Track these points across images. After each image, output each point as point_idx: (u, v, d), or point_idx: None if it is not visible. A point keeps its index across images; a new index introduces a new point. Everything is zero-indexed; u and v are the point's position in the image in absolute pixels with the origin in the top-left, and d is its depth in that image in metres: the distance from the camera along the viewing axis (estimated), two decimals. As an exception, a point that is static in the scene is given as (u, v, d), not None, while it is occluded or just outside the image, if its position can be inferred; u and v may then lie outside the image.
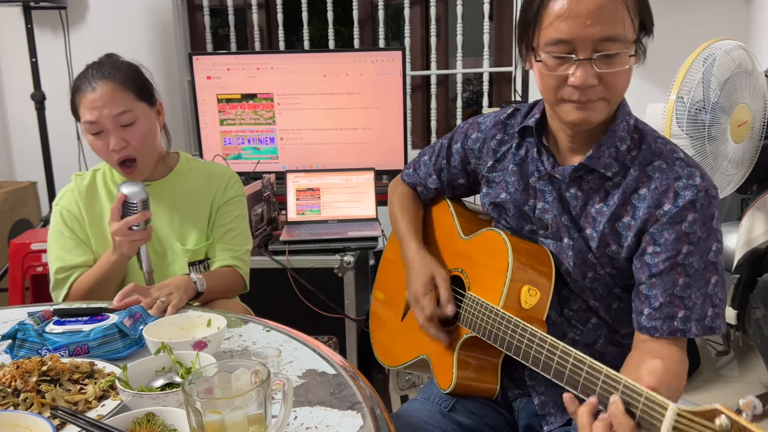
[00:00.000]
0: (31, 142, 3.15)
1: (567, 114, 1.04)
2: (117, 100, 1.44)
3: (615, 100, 1.03)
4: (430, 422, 1.16)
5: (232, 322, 1.25)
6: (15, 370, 0.96)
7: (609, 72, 0.98)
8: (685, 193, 1.02)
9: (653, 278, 1.03)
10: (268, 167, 2.75)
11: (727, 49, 1.81)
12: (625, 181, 1.06)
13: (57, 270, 1.52)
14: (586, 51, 0.97)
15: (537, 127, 1.14)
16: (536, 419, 1.18)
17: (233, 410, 0.73)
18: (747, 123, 1.88)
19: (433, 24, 3.16)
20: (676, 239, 1.02)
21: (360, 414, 0.90)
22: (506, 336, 1.05)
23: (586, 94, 1.00)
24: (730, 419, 0.68)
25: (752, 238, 2.09)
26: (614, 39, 0.97)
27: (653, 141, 1.08)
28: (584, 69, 0.97)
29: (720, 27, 2.88)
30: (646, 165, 1.06)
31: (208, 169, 1.66)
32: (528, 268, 1.12)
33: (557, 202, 1.12)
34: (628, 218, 1.06)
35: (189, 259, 1.58)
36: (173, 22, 3.31)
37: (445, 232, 1.34)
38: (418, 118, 3.42)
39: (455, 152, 1.30)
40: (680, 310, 1.02)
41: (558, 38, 0.98)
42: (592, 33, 0.96)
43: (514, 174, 1.18)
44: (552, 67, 1.01)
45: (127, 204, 1.42)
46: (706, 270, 1.02)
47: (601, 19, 0.96)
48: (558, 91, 1.02)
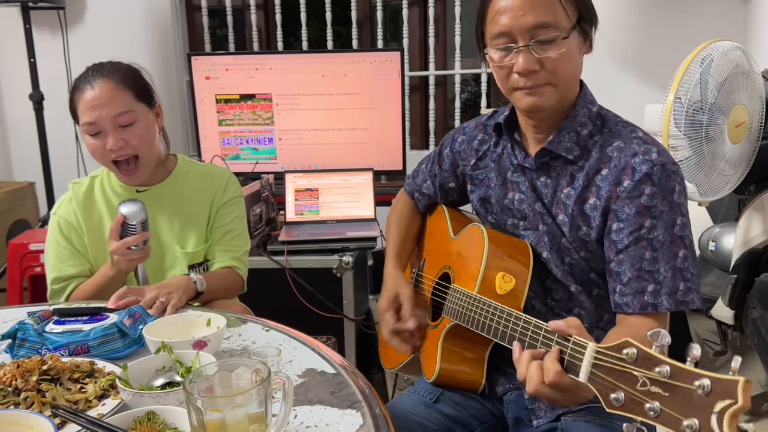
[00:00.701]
0: (30, 143, 3.15)
1: (519, 101, 1.12)
2: (116, 100, 1.44)
3: (562, 84, 1.09)
4: (414, 412, 1.20)
5: (232, 322, 1.25)
6: (15, 369, 0.96)
7: (548, 57, 1.06)
8: (642, 167, 1.06)
9: (620, 254, 1.07)
10: (266, 167, 2.75)
11: (725, 50, 1.82)
12: (588, 163, 1.12)
13: (53, 280, 1.53)
14: (523, 39, 1.06)
15: (507, 123, 1.22)
16: (525, 413, 1.20)
17: (234, 408, 0.73)
18: (744, 124, 1.89)
19: (431, 25, 3.17)
20: (636, 213, 1.05)
21: (359, 413, 0.90)
22: (482, 318, 1.10)
23: (531, 79, 1.07)
24: (637, 348, 0.75)
25: (749, 239, 2.09)
26: (546, 25, 1.05)
27: (614, 124, 1.14)
28: (524, 56, 1.06)
29: (718, 28, 2.89)
30: (606, 146, 1.11)
31: (206, 170, 1.66)
32: (503, 256, 1.17)
33: (530, 191, 1.18)
34: (593, 199, 1.11)
35: (188, 262, 1.58)
36: (171, 23, 3.31)
37: (438, 235, 1.39)
38: (416, 119, 3.42)
39: (446, 157, 1.37)
40: (649, 284, 1.05)
41: (499, 31, 1.07)
42: (525, 21, 1.05)
43: (493, 170, 1.25)
44: (498, 59, 1.10)
45: (126, 225, 1.42)
46: (673, 243, 1.05)
47: (533, 9, 1.05)
48: (508, 80, 1.11)
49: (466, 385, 1.23)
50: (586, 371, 0.82)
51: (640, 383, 0.74)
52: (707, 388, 0.67)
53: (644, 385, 0.73)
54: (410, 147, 3.29)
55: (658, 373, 0.71)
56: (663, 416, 0.70)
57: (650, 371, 0.72)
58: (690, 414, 0.68)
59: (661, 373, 0.71)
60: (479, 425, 1.22)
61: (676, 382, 0.70)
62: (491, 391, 1.25)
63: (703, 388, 0.67)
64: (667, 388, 0.71)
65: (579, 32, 1.09)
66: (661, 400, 0.71)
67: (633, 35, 2.99)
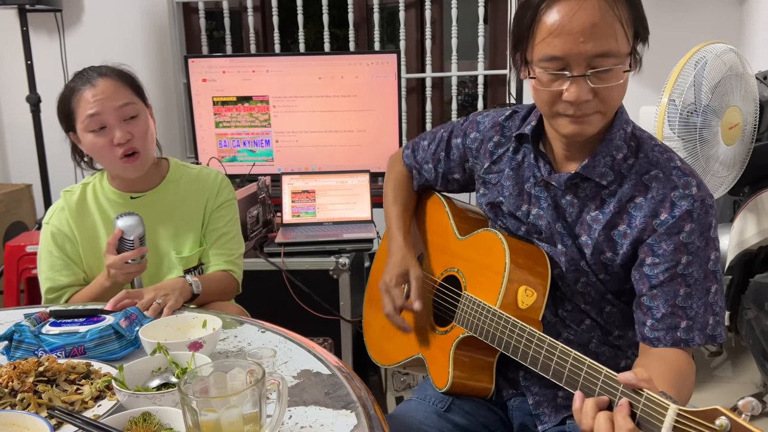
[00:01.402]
0: (27, 145, 3.15)
1: (562, 127, 1.04)
2: (119, 92, 1.46)
3: (610, 112, 1.04)
4: (426, 423, 1.17)
5: (228, 324, 1.26)
6: (12, 370, 0.97)
7: (603, 87, 0.98)
8: (682, 203, 1.02)
9: (654, 289, 1.03)
10: (263, 169, 2.75)
11: (719, 52, 1.83)
12: (621, 189, 1.07)
13: (47, 290, 1.52)
14: (579, 67, 0.97)
15: (533, 134, 1.15)
16: (530, 419, 1.19)
17: (229, 409, 0.74)
18: (738, 125, 1.90)
19: (428, 27, 3.18)
20: (674, 250, 1.02)
21: (354, 413, 0.91)
22: (504, 336, 1.06)
23: (581, 109, 1.00)
24: (729, 419, 0.68)
25: (744, 240, 2.11)
26: (608, 55, 0.96)
27: (650, 149, 1.08)
28: (578, 85, 0.97)
29: (713, 30, 2.91)
30: (642, 174, 1.06)
31: (199, 174, 1.65)
32: (525, 269, 1.12)
33: (552, 209, 1.13)
34: (623, 226, 1.06)
35: (184, 267, 1.58)
36: (168, 25, 3.32)
37: (440, 231, 1.35)
38: (413, 121, 3.43)
39: (455, 147, 1.31)
40: (683, 321, 1.02)
41: (551, 54, 0.98)
42: (585, 50, 0.95)
43: (510, 178, 1.19)
44: (546, 82, 1.01)
45: (124, 240, 1.41)
46: (707, 279, 1.02)
47: (594, 36, 0.95)
48: (553, 105, 1.02)
49: (477, 392, 1.21)
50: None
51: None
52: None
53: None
54: (407, 149, 3.29)
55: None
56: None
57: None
58: None
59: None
60: None
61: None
62: (497, 397, 1.23)
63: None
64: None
65: (634, 56, 1.01)
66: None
67: (628, 37, 2.99)
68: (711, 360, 2.66)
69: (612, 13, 0.96)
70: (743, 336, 2.09)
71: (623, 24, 0.97)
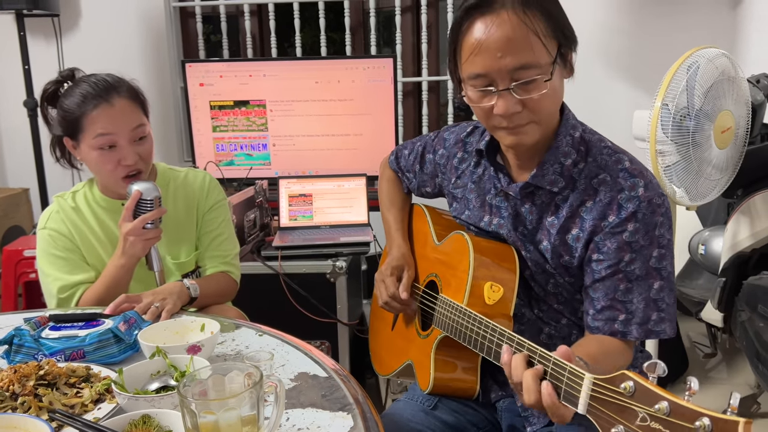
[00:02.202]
0: (24, 149, 3.16)
1: (502, 139, 1.09)
2: (134, 114, 1.46)
3: (545, 120, 1.07)
4: (413, 420, 1.21)
5: (226, 327, 1.27)
6: (12, 374, 0.98)
7: (529, 98, 1.01)
8: (628, 205, 1.05)
9: (596, 283, 1.09)
10: (260, 173, 2.77)
11: (711, 56, 1.85)
12: (572, 194, 1.11)
13: (59, 289, 1.48)
14: (503, 81, 1.01)
15: (488, 149, 1.19)
16: (519, 420, 1.21)
17: (227, 411, 0.75)
18: (730, 129, 1.92)
19: (424, 31, 3.20)
20: (617, 248, 1.06)
21: (351, 415, 0.92)
22: (471, 333, 1.09)
23: (513, 121, 1.04)
24: (634, 381, 0.74)
25: (737, 242, 2.12)
26: (527, 66, 0.99)
27: (599, 152, 1.11)
28: (505, 99, 1.01)
29: (706, 34, 2.93)
30: (592, 178, 1.09)
31: (186, 178, 1.64)
32: (490, 265, 1.16)
33: (512, 218, 1.17)
34: (576, 230, 1.10)
35: (181, 272, 1.58)
36: (166, 29, 3.33)
37: (422, 239, 1.40)
38: (409, 125, 3.45)
39: (428, 161, 1.37)
40: (621, 314, 1.07)
41: (475, 72, 1.02)
42: (504, 64, 0.99)
43: (473, 191, 1.25)
44: (476, 99, 1.05)
45: (142, 201, 1.41)
46: (648, 276, 1.06)
47: (511, 50, 0.98)
48: (488, 119, 1.07)
49: (461, 392, 1.24)
50: (584, 403, 0.81)
51: (640, 418, 0.72)
52: (708, 428, 0.66)
53: (644, 420, 0.72)
54: (403, 152, 3.31)
55: (657, 410, 0.70)
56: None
57: (650, 407, 0.71)
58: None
59: (660, 409, 0.70)
60: (476, 431, 1.24)
61: (676, 420, 0.69)
62: (485, 398, 1.26)
63: (704, 428, 0.66)
64: (668, 425, 0.69)
65: (560, 63, 1.04)
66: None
67: (622, 40, 3.02)
68: (706, 362, 2.67)
69: (525, 27, 0.99)
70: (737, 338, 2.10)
71: (540, 36, 1.00)
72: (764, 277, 1.95)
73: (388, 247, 1.42)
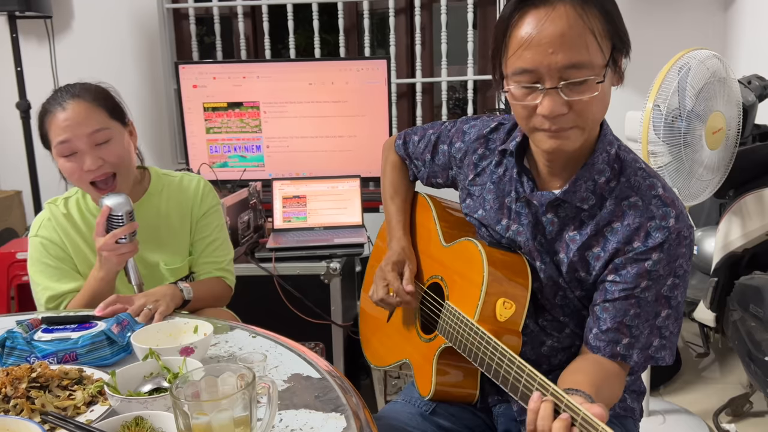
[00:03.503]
0: (17, 151, 3.15)
1: (541, 143, 1.02)
2: (90, 118, 1.41)
3: (589, 127, 1.01)
4: (410, 424, 1.20)
5: (219, 329, 1.27)
6: (5, 377, 0.97)
7: (578, 99, 0.96)
8: (657, 234, 1.02)
9: (607, 303, 1.06)
10: (254, 175, 2.77)
11: (702, 58, 1.86)
12: (600, 213, 1.06)
13: (47, 300, 1.48)
14: (551, 80, 0.95)
15: (518, 150, 1.13)
16: (515, 425, 1.20)
17: (219, 412, 0.75)
18: (722, 130, 1.93)
19: (417, 32, 3.20)
20: (637, 274, 1.03)
21: (344, 416, 0.92)
22: (479, 351, 1.06)
23: (557, 123, 0.97)
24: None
25: (729, 242, 2.14)
26: (580, 66, 0.94)
27: (633, 173, 1.07)
28: (551, 98, 0.95)
29: (698, 35, 2.95)
30: (622, 199, 1.05)
31: (180, 183, 1.62)
32: (503, 281, 1.12)
33: (531, 226, 1.12)
34: (598, 249, 1.06)
35: (174, 278, 1.57)
36: (159, 31, 3.32)
37: (426, 235, 1.35)
38: (403, 126, 3.45)
39: (440, 152, 1.31)
40: (625, 338, 1.05)
41: (522, 68, 0.96)
42: (555, 61, 0.93)
43: (491, 192, 1.19)
44: (520, 96, 0.99)
45: (113, 217, 1.38)
46: (658, 303, 1.04)
47: (564, 47, 0.93)
48: (529, 120, 1.01)
49: (461, 399, 1.23)
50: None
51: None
52: None
53: None
54: (397, 154, 3.31)
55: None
56: None
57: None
58: None
59: None
60: None
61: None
62: (482, 402, 1.25)
63: None
64: None
65: (612, 67, 0.98)
66: None
67: (615, 43, 3.03)
68: (699, 361, 2.69)
69: (582, 23, 0.94)
70: (729, 337, 2.11)
71: (596, 35, 0.95)
72: (756, 277, 1.96)
73: (387, 240, 1.37)
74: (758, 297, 1.91)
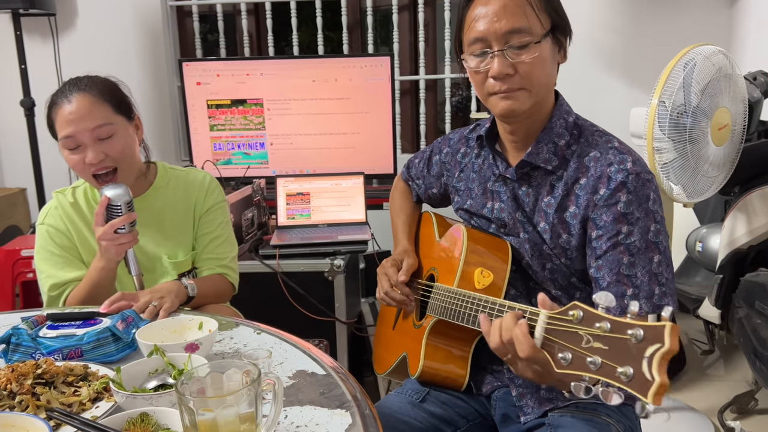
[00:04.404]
0: (21, 149, 3.16)
1: (494, 106, 1.15)
2: (95, 112, 1.42)
3: (536, 89, 1.13)
4: (399, 412, 1.22)
5: (224, 325, 1.27)
6: (10, 373, 0.98)
7: (522, 61, 1.10)
8: (617, 176, 1.10)
9: (599, 260, 1.11)
10: (258, 172, 2.77)
11: (707, 54, 1.85)
12: (566, 173, 1.16)
13: (50, 288, 1.49)
14: (498, 43, 1.10)
15: (488, 135, 1.26)
16: (513, 410, 1.22)
17: (225, 408, 0.75)
18: (727, 126, 1.92)
19: (421, 29, 3.19)
20: (614, 220, 1.10)
21: (349, 412, 0.92)
22: (459, 309, 1.14)
23: (506, 83, 1.12)
24: (583, 309, 0.81)
25: (734, 239, 2.13)
26: (520, 31, 1.10)
27: (590, 134, 1.18)
28: (499, 60, 1.11)
29: (703, 31, 2.94)
30: (583, 156, 1.16)
31: (186, 177, 1.63)
32: (483, 252, 1.21)
33: (511, 201, 1.22)
34: (573, 207, 1.15)
35: (177, 272, 1.58)
36: (162, 28, 3.32)
37: (426, 241, 1.43)
38: (407, 123, 3.45)
39: (434, 163, 1.43)
40: (629, 288, 1.09)
41: (474, 37, 1.12)
42: (499, 27, 1.10)
43: (475, 181, 1.30)
44: (474, 65, 1.14)
45: (111, 207, 1.40)
46: (648, 249, 1.09)
47: (506, 15, 1.10)
48: (484, 86, 1.15)
49: (450, 382, 1.25)
50: (540, 336, 0.87)
51: (584, 341, 0.79)
52: (639, 337, 0.72)
53: (588, 342, 0.79)
54: (401, 151, 3.32)
55: (598, 329, 0.77)
56: (602, 368, 0.76)
57: (592, 328, 0.78)
58: (625, 362, 0.73)
59: (601, 327, 0.77)
60: (466, 423, 1.25)
61: (613, 334, 0.76)
62: (478, 390, 1.27)
63: (636, 337, 0.72)
64: (607, 341, 0.77)
65: (552, 40, 1.13)
66: (601, 353, 0.77)
67: (619, 38, 3.03)
68: (704, 359, 2.68)
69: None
70: (735, 334, 2.11)
71: (533, 7, 1.11)
72: (761, 274, 1.95)
73: (393, 250, 1.47)
74: (764, 294, 1.91)
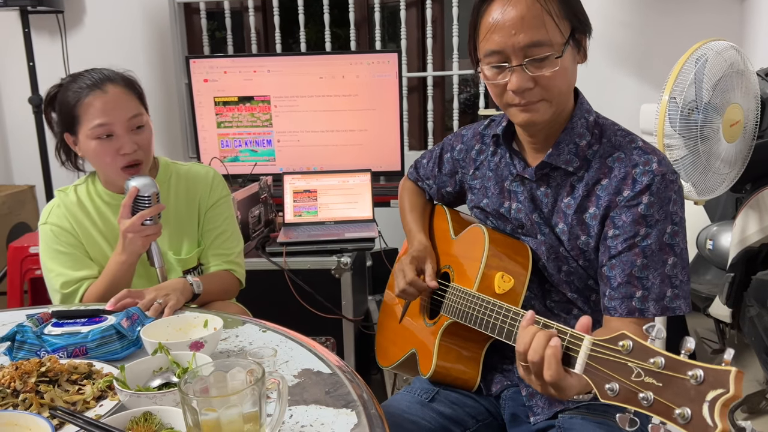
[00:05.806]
0: (29, 146, 3.16)
1: (514, 117, 1.13)
2: (129, 103, 1.45)
3: (556, 99, 1.09)
4: (408, 411, 1.21)
5: (229, 323, 1.26)
6: (14, 371, 0.97)
7: (542, 75, 1.06)
8: (642, 178, 1.07)
9: (612, 259, 1.09)
10: (265, 169, 2.76)
11: (719, 49, 1.83)
12: (587, 174, 1.13)
13: (62, 285, 1.48)
14: (517, 58, 1.06)
15: (505, 134, 1.23)
16: (523, 410, 1.21)
17: (228, 408, 0.74)
18: (739, 123, 1.90)
19: (428, 26, 3.18)
20: (633, 221, 1.07)
21: (354, 412, 0.91)
22: (479, 314, 1.11)
23: (525, 97, 1.08)
24: (633, 340, 0.77)
25: (746, 237, 2.10)
26: (540, 44, 1.04)
27: (613, 134, 1.15)
28: (518, 75, 1.06)
29: (714, 28, 2.90)
30: (606, 157, 1.12)
31: (189, 172, 1.62)
32: (503, 257, 1.18)
33: (528, 201, 1.19)
34: (593, 208, 1.12)
35: (183, 268, 1.57)
36: (170, 26, 3.32)
37: (440, 236, 1.40)
38: (414, 120, 3.43)
39: (446, 161, 1.40)
40: (638, 290, 1.07)
41: (491, 49, 1.08)
42: (517, 41, 1.04)
43: (491, 179, 1.27)
44: (492, 76, 1.10)
45: (140, 198, 1.40)
46: (662, 251, 1.07)
47: (524, 27, 1.04)
48: (502, 97, 1.11)
49: (462, 383, 1.24)
50: (582, 363, 0.83)
51: (635, 374, 0.75)
52: (700, 378, 0.68)
53: (638, 376, 0.75)
54: (408, 148, 3.30)
55: (652, 364, 0.73)
56: (656, 405, 0.72)
57: (645, 362, 0.74)
58: (682, 403, 0.69)
59: (655, 363, 0.73)
60: (475, 423, 1.23)
61: (669, 372, 0.71)
62: (488, 390, 1.26)
63: (696, 378, 0.68)
64: (661, 378, 0.72)
65: (572, 45, 1.08)
66: (654, 390, 0.73)
67: (629, 34, 3.00)
68: (714, 358, 2.65)
69: (539, 6, 1.04)
70: (746, 333, 2.08)
71: (553, 16, 1.05)
72: (773, 273, 1.93)
73: (408, 244, 1.44)
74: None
